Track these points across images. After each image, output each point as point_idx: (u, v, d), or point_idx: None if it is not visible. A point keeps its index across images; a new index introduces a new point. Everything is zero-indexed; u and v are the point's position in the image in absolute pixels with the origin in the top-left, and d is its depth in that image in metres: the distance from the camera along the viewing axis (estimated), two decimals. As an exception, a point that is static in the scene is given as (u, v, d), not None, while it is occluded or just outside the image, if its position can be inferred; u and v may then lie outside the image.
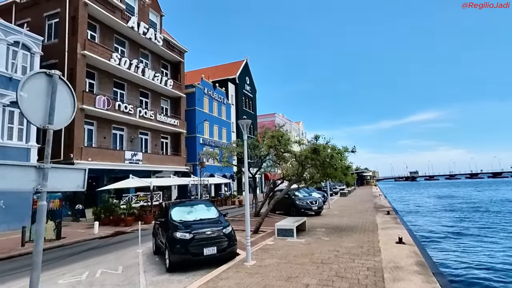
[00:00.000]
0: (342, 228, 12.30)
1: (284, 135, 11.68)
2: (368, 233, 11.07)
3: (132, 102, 26.28)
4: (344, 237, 10.39)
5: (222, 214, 8.92)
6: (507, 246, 13.65)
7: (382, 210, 18.48)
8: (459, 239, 15.40)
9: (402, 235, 9.48)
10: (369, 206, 21.99)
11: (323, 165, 10.85)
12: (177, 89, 31.58)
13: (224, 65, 52.59)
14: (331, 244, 9.33)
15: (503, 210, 29.12)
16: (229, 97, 45.71)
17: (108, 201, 18.69)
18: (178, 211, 8.44)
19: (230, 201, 30.30)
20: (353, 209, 19.94)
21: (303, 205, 16.57)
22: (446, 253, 12.40)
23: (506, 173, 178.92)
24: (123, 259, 9.12)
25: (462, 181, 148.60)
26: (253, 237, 10.99)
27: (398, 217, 15.44)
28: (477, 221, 21.95)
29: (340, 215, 17.11)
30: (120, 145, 25.66)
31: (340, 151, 11.34)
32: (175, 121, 30.64)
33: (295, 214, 16.72)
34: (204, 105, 37.51)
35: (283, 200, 17.85)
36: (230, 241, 7.58)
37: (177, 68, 33.15)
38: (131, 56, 26.51)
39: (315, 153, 10.75)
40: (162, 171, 28.51)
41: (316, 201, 16.96)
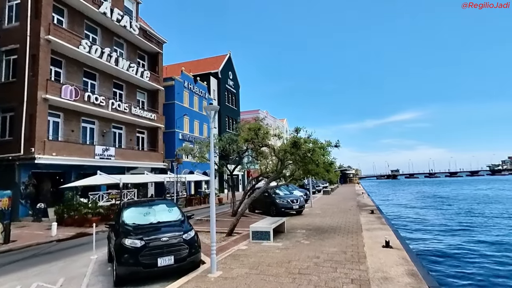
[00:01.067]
0: (324, 230, 11.32)
1: (262, 128, 10.57)
2: (352, 235, 10.13)
3: (105, 93, 24.57)
4: (326, 240, 9.39)
5: (186, 216, 7.71)
6: (497, 246, 13.12)
7: (365, 209, 17.69)
8: (448, 239, 14.79)
9: (388, 238, 8.56)
10: (353, 204, 21.23)
11: (303, 160, 9.81)
12: (155, 82, 29.97)
13: (207, 59, 51.01)
14: (311, 249, 8.29)
15: (487, 207, 29.19)
16: (211, 92, 44.27)
17: (71, 199, 17.12)
18: (132, 212, 7.19)
19: (209, 199, 29.02)
20: (336, 208, 19.10)
21: (283, 204, 15.55)
22: (437, 257, 11.67)
23: (483, 172, 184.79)
24: (70, 268, 7.80)
25: (442, 179, 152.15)
26: (225, 240, 9.85)
27: (382, 216, 14.64)
28: (465, 218, 21.64)
29: (322, 214, 16.19)
30: (91, 139, 23.95)
31: (322, 145, 10.32)
32: (152, 115, 29.07)
33: (275, 214, 15.69)
34: (184, 99, 35.97)
35: (263, 198, 16.81)
36: (191, 249, 6.39)
37: (155, 59, 31.49)
38: (103, 44, 24.75)
39: (295, 147, 9.70)
40: (137, 167, 26.93)
41: (297, 200, 15.97)
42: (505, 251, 12.73)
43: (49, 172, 20.65)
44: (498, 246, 13.34)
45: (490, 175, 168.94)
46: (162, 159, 30.26)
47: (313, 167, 9.77)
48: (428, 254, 12.18)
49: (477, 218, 22.26)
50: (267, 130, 10.82)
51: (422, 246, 13.64)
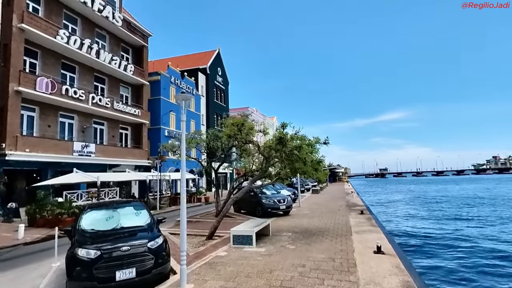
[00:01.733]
0: (311, 232, 10.62)
1: (245, 123, 9.78)
2: (341, 238, 9.45)
3: (85, 87, 23.40)
4: (313, 244, 8.68)
5: (156, 220, 6.87)
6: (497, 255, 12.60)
7: (355, 209, 17.11)
8: (442, 244, 14.29)
9: (380, 242, 7.89)
10: (342, 204, 20.65)
11: (290, 158, 9.07)
12: (139, 76, 28.84)
13: (195, 55, 49.87)
14: (297, 255, 7.56)
15: (477, 207, 29.06)
16: (199, 88, 43.24)
17: (44, 198, 16.04)
18: (92, 216, 6.32)
19: (195, 198, 28.12)
20: (325, 208, 18.47)
21: (269, 204, 14.81)
22: (434, 267, 11.07)
23: (468, 171, 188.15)
24: (23, 280, 6.89)
25: (429, 178, 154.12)
26: (204, 244, 9.04)
27: (372, 217, 14.05)
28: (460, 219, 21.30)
29: (310, 215, 15.51)
30: (70, 135, 22.77)
31: (310, 142, 9.60)
32: (136, 110, 27.97)
33: (261, 214, 14.96)
34: (171, 94, 34.88)
35: (248, 198, 16.06)
36: (158, 259, 5.56)
37: (139, 53, 30.31)
38: (84, 35, 23.54)
39: (280, 143, 8.95)
40: (119, 165, 25.82)
41: (285, 200, 15.25)
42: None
43: (23, 169, 19.44)
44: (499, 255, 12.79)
45: (475, 174, 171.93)
46: (146, 156, 29.21)
47: (300, 165, 9.04)
48: (421, 258, 11.62)
49: (471, 222, 21.94)
50: (252, 125, 10.04)
51: (415, 250, 13.10)
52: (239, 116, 11.98)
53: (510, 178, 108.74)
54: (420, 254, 12.18)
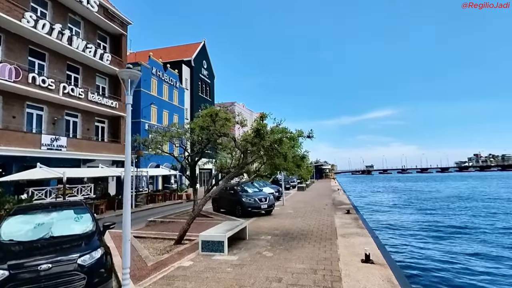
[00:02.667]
0: (293, 235, 9.62)
1: (220, 113, 8.65)
2: (325, 243, 8.47)
3: (56, 76, 21.72)
4: (294, 250, 7.66)
5: (100, 227, 5.69)
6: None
7: (341, 208, 16.25)
8: (436, 246, 13.53)
9: (368, 249, 6.94)
10: (327, 202, 19.79)
11: (268, 153, 8.02)
12: (117, 66, 27.18)
13: (179, 47, 48.19)
14: (273, 265, 6.52)
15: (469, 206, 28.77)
16: (183, 81, 41.72)
17: (1, 196, 14.56)
18: (18, 222, 5.12)
19: (176, 195, 26.85)
20: (310, 207, 17.56)
21: (250, 203, 13.75)
22: (426, 269, 10.26)
23: (451, 169, 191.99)
24: None
25: (413, 175, 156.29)
26: (170, 251, 7.90)
27: (359, 217, 13.17)
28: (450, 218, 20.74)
29: (294, 214, 14.54)
30: (39, 128, 21.12)
31: (292, 135, 8.55)
32: (114, 102, 26.39)
33: (240, 214, 13.90)
34: (152, 87, 33.36)
35: (228, 197, 15.00)
36: (93, 278, 4.38)
37: (118, 42, 28.60)
38: (55, 20, 21.82)
39: (258, 136, 7.87)
40: (94, 160, 24.26)
41: (266, 198, 14.22)
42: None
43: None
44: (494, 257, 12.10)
45: (458, 172, 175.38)
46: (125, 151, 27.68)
47: (281, 161, 8.00)
48: (414, 264, 10.76)
49: (460, 218, 21.46)
50: (228, 116, 8.90)
51: (406, 254, 12.27)
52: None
53: (496, 176, 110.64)
54: (411, 258, 11.36)
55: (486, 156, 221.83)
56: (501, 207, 26.21)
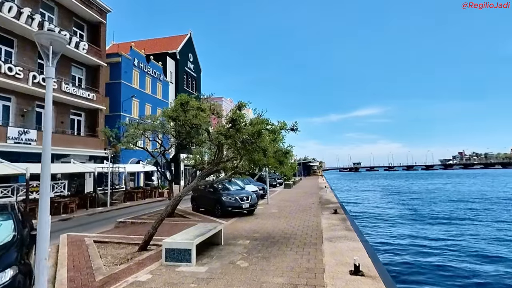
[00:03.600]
0: (274, 239, 8.65)
1: (191, 102, 7.58)
2: (309, 249, 7.54)
3: (25, 64, 20.17)
4: (273, 259, 6.69)
5: (24, 238, 4.54)
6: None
7: (328, 207, 15.41)
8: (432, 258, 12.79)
9: (358, 257, 6.02)
10: (314, 201, 18.96)
11: (246, 147, 7.02)
12: (95, 56, 25.69)
13: (164, 39, 46.54)
14: (247, 278, 5.53)
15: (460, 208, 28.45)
16: (168, 74, 40.26)
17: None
18: None
19: (157, 193, 25.57)
20: (295, 205, 16.67)
21: (230, 202, 12.72)
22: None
23: (436, 166, 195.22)
24: None
25: (400, 172, 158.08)
26: (130, 260, 6.81)
27: (347, 217, 12.32)
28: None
29: (278, 214, 13.61)
30: (5, 120, 19.58)
31: (274, 128, 7.57)
32: (91, 94, 24.94)
33: (220, 214, 12.87)
34: (134, 79, 31.86)
35: (207, 195, 13.96)
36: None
37: (96, 30, 27.03)
38: (25, 4, 20.22)
39: (233, 128, 6.86)
40: (69, 155, 22.80)
41: (248, 197, 13.21)
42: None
43: None
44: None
45: (443, 169, 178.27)
46: (103, 146, 26.21)
47: (260, 156, 7.01)
48: (408, 276, 9.91)
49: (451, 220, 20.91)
50: (202, 106, 7.83)
51: (398, 260, 11.46)
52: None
53: (481, 173, 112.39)
54: (406, 267, 10.55)
55: (469, 154, 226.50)
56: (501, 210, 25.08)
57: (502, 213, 22.84)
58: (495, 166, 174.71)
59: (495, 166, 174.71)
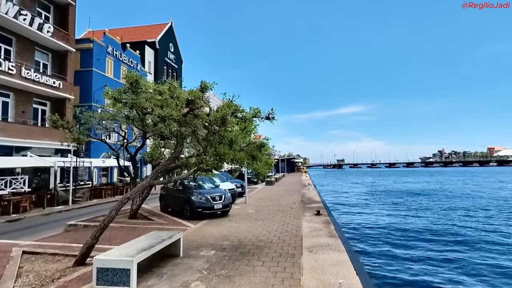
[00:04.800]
0: (245, 249, 7.30)
1: (140, 81, 6.08)
2: (285, 263, 6.23)
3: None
4: (238, 279, 5.34)
5: None
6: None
7: (311, 207, 14.20)
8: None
9: (344, 281, 4.74)
10: (296, 199, 17.74)
11: (208, 138, 5.62)
12: (62, 40, 23.55)
13: (143, 27, 44.28)
14: (199, 309, 4.16)
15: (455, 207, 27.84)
16: (146, 64, 38.17)
17: None
18: None
19: (129, 189, 23.79)
20: (275, 205, 15.39)
21: (200, 203, 11.28)
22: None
23: (417, 164, 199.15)
24: None
25: (382, 169, 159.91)
26: (57, 279, 5.30)
27: (331, 220, 11.10)
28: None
29: (254, 216, 12.27)
30: (-47, 107, 17.42)
31: (246, 115, 6.20)
32: (57, 82, 22.85)
33: (189, 215, 11.42)
34: (107, 67, 29.75)
35: (176, 194, 12.51)
36: None
37: (64, 12, 24.80)
38: (-23, -23, 17.99)
39: (191, 113, 5.44)
40: (31, 147, 20.74)
41: (222, 197, 11.81)
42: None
43: None
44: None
45: (424, 167, 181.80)
46: (71, 138, 24.16)
47: (225, 149, 5.63)
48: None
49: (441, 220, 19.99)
50: (153, 85, 6.31)
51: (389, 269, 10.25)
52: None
53: (462, 171, 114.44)
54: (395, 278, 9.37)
55: (449, 152, 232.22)
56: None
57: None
58: (473, 164, 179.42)
59: (473, 164, 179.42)
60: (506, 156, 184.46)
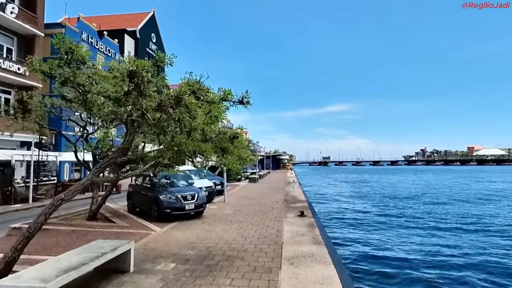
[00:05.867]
0: (213, 261, 6.07)
1: (77, 50, 4.74)
2: (258, 281, 5.05)
3: None
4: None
5: None
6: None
7: (294, 207, 13.10)
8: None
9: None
10: (279, 198, 16.62)
11: (160, 124, 4.36)
12: (29, 23, 21.64)
13: (123, 15, 42.15)
14: None
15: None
16: (125, 54, 36.16)
17: None
18: None
19: (103, 186, 22.15)
20: (256, 204, 14.22)
21: (169, 202, 9.96)
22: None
23: (401, 162, 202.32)
24: None
25: (367, 167, 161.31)
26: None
27: (316, 223, 9.98)
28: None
29: (231, 217, 11.04)
30: None
31: (211, 97, 4.96)
32: (23, 68, 20.94)
33: (156, 216, 10.10)
34: (81, 55, 27.73)
35: (143, 191, 11.16)
36: None
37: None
38: None
39: (135, 89, 4.13)
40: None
41: (195, 196, 10.53)
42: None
43: None
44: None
45: (407, 165, 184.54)
46: (16, 127, 22.25)
47: (182, 138, 4.39)
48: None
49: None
50: (101, 60, 5.01)
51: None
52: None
53: (444, 169, 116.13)
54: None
55: (431, 151, 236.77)
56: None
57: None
58: (454, 163, 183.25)
59: (454, 163, 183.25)
60: (485, 156, 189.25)
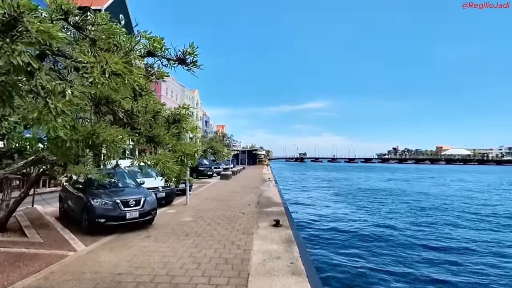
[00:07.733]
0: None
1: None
2: None
3: None
4: None
5: None
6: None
7: (268, 213, 11.06)
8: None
9: None
10: (252, 199, 14.54)
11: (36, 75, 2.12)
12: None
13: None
14: None
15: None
16: (88, 34, 32.61)
17: None
18: None
19: (48, 182, 19.18)
20: (224, 208, 12.05)
21: (104, 209, 7.53)
22: None
23: (374, 160, 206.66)
24: None
25: (342, 164, 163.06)
26: None
27: (294, 236, 7.95)
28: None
29: (188, 228, 8.79)
30: None
31: (127, 38, 2.78)
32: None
33: (87, 228, 7.71)
34: (31, 31, 24.19)
35: (74, 195, 8.69)
36: None
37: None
38: None
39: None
40: None
41: (140, 201, 8.18)
42: None
43: None
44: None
45: (380, 163, 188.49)
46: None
47: (66, 105, 2.17)
48: None
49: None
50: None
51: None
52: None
53: (416, 167, 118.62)
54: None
55: (402, 150, 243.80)
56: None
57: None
58: (425, 162, 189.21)
59: (425, 162, 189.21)
60: (453, 155, 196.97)
